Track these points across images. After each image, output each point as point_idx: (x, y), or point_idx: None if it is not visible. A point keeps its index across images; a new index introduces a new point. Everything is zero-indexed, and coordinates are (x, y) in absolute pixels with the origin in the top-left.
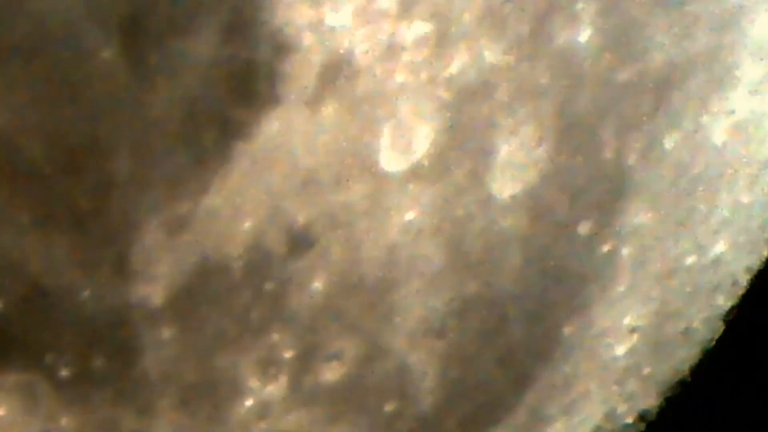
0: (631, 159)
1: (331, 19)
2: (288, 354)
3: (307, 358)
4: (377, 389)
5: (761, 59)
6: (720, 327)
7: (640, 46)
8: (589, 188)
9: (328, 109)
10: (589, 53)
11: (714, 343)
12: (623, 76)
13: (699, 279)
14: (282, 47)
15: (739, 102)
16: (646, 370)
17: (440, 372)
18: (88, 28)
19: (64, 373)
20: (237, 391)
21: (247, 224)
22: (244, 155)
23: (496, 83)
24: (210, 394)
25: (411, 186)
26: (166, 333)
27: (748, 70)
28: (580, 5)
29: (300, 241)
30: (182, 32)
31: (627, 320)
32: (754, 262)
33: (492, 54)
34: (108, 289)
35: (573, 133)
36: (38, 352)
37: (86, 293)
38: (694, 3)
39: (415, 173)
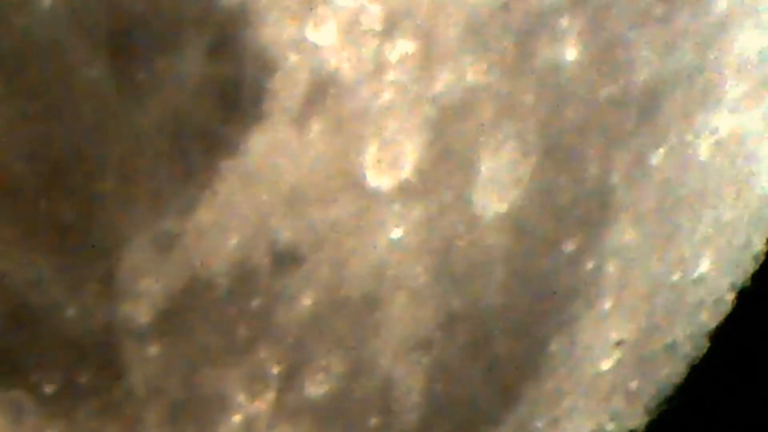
0: (616, 176)
1: (317, 37)
2: (275, 370)
3: (294, 374)
4: (363, 404)
5: (744, 76)
6: (704, 344)
7: (624, 63)
8: (573, 205)
9: (314, 127)
10: (573, 70)
11: (700, 359)
12: (607, 93)
13: (683, 296)
14: (267, 65)
15: (723, 119)
16: (632, 387)
17: (426, 387)
18: (74, 44)
19: (50, 389)
20: (224, 406)
21: (234, 241)
22: (231, 172)
23: (480, 101)
24: (197, 409)
25: (397, 203)
26: (153, 349)
27: (732, 87)
28: (564, 23)
29: (286, 258)
30: (169, 50)
31: (612, 337)
32: (739, 279)
33: (476, 72)
34: (94, 305)
35: (558, 151)
36: (24, 369)
37: (72, 310)
38: (678, 20)
39: (401, 190)
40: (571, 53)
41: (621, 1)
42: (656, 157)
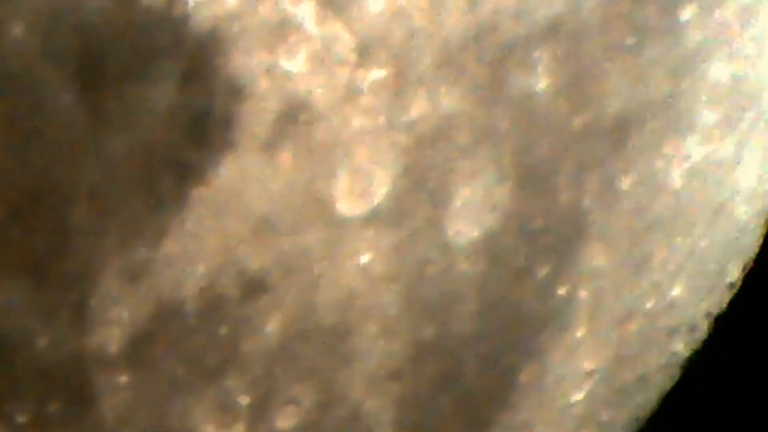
0: (588, 202)
1: (288, 65)
2: (244, 400)
3: (263, 405)
4: None
5: (717, 104)
6: (677, 373)
7: (596, 91)
8: (546, 232)
9: (285, 155)
10: (545, 99)
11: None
12: (580, 121)
13: (656, 323)
14: (238, 93)
15: (695, 146)
16: (604, 418)
17: (396, 417)
18: (44, 72)
19: (22, 419)
20: None
21: (202, 269)
22: (200, 201)
23: (454, 128)
24: None
25: (368, 231)
26: (123, 378)
27: (705, 116)
28: (536, 53)
29: (255, 286)
30: (139, 78)
31: (584, 365)
32: (713, 307)
33: (450, 100)
34: (66, 334)
35: (531, 178)
36: None
37: (44, 339)
38: (650, 49)
39: (373, 218)
40: (543, 82)
41: (593, 32)
42: (628, 184)
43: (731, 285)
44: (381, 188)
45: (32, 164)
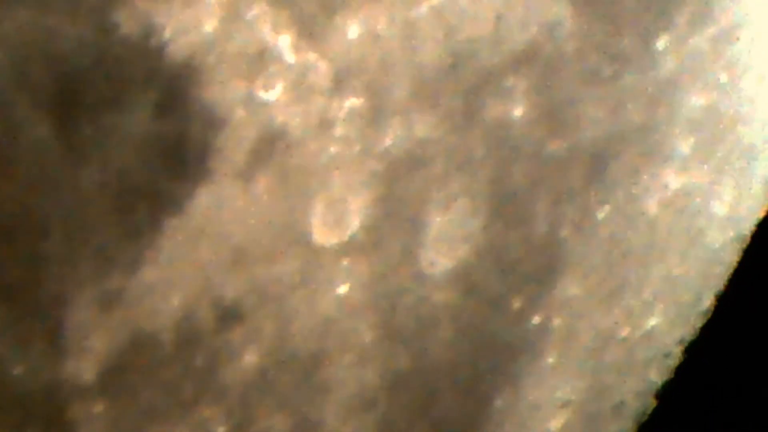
0: (564, 232)
1: (264, 94)
2: (219, 430)
3: None
4: None
5: (693, 133)
6: (652, 401)
7: (572, 120)
8: (521, 261)
9: (261, 184)
10: (521, 127)
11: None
12: (555, 149)
13: (631, 352)
14: (214, 122)
15: (671, 176)
16: None
17: None
18: (19, 102)
19: None
20: None
21: (178, 298)
22: (176, 230)
23: (429, 157)
24: None
25: (343, 260)
26: (98, 408)
27: (681, 145)
28: (511, 81)
29: (231, 315)
30: (114, 108)
31: (559, 394)
32: (688, 335)
33: (425, 128)
34: (41, 363)
35: (506, 206)
36: None
37: (19, 368)
38: (627, 78)
39: (348, 247)
40: (518, 110)
41: (569, 60)
42: (603, 213)
43: (705, 312)
44: (356, 217)
45: (7, 194)
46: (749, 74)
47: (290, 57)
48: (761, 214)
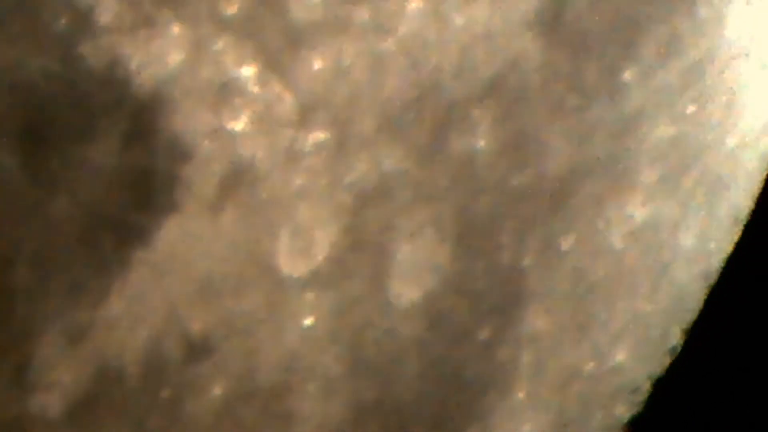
0: (528, 263)
1: (231, 126)
2: None
3: None
4: None
5: (659, 165)
6: None
7: (537, 151)
8: (487, 293)
9: (227, 216)
10: (486, 159)
11: None
12: (520, 180)
13: (598, 386)
14: (181, 154)
15: (637, 208)
16: None
17: None
18: None
19: None
20: None
21: (145, 331)
22: (143, 262)
23: (394, 189)
24: None
25: (310, 292)
26: None
27: (646, 176)
28: (476, 113)
29: (198, 348)
30: (81, 139)
31: (526, 429)
32: (655, 370)
33: (391, 160)
34: (6, 398)
35: (472, 238)
36: None
37: None
38: (592, 109)
39: (314, 279)
40: (483, 142)
41: (534, 92)
42: (568, 245)
43: (673, 348)
44: (322, 249)
45: None
46: (717, 105)
47: (256, 89)
48: (730, 248)
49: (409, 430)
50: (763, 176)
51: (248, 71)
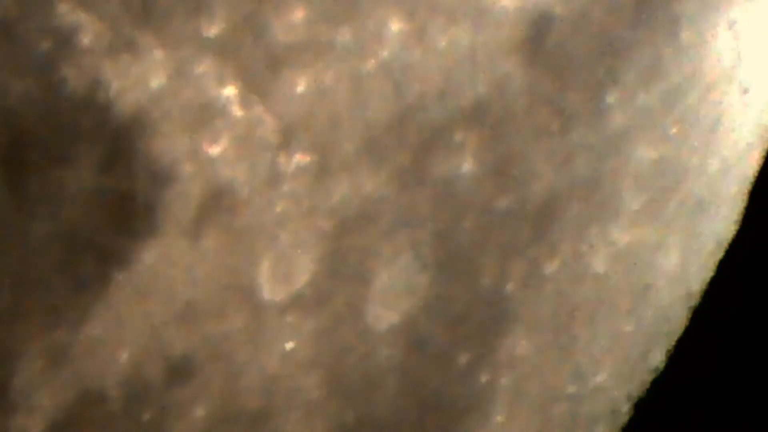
0: (511, 287)
1: (211, 149)
2: None
3: None
4: None
5: (641, 189)
6: None
7: (520, 175)
8: (468, 317)
9: (208, 239)
10: (468, 183)
11: None
12: (503, 204)
13: (579, 408)
14: (161, 177)
15: (619, 231)
16: None
17: None
18: None
19: None
20: None
21: (126, 354)
22: (124, 285)
23: (376, 213)
24: None
25: (290, 316)
26: None
27: (629, 199)
28: (460, 136)
29: (179, 371)
30: (62, 162)
31: None
32: (635, 392)
33: (372, 184)
34: None
35: (453, 262)
36: None
37: None
38: (574, 134)
39: (295, 303)
40: (466, 166)
41: (517, 115)
42: (552, 268)
43: (654, 369)
44: (303, 273)
45: None
46: (699, 129)
47: (237, 112)
48: (711, 270)
49: None
50: (745, 199)
51: (229, 93)
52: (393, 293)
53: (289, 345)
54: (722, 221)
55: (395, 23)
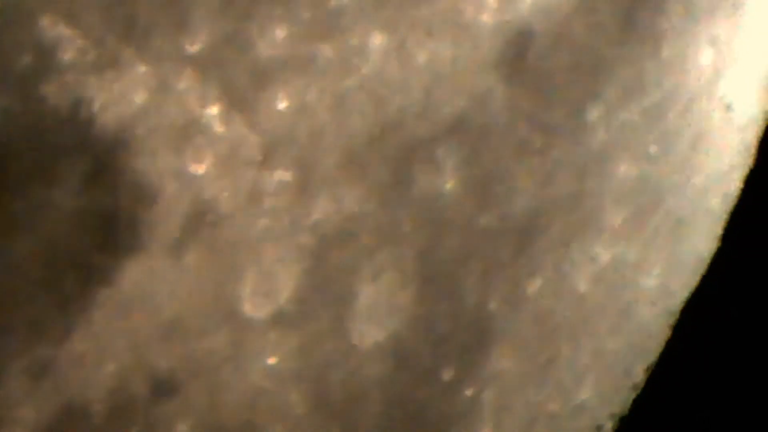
0: (494, 305)
1: (194, 166)
2: None
3: None
4: None
5: (623, 205)
6: None
7: (501, 192)
8: (451, 334)
9: (191, 256)
10: (451, 199)
11: None
12: (485, 221)
13: (562, 425)
14: (144, 195)
15: (601, 247)
16: None
17: None
18: None
19: None
20: None
21: (110, 369)
22: (107, 301)
23: (358, 230)
24: None
25: (273, 332)
26: None
27: (610, 216)
28: (441, 153)
29: (163, 386)
30: (44, 179)
31: None
32: (618, 408)
33: (354, 201)
34: None
35: (436, 279)
36: None
37: None
38: (556, 151)
39: (278, 319)
40: (448, 182)
41: (499, 132)
42: (534, 286)
43: (635, 386)
44: (285, 290)
45: None
46: (680, 146)
47: (220, 129)
48: (693, 287)
49: None
50: (727, 217)
51: (212, 111)
52: (376, 311)
53: (273, 360)
54: (703, 238)
55: (376, 39)
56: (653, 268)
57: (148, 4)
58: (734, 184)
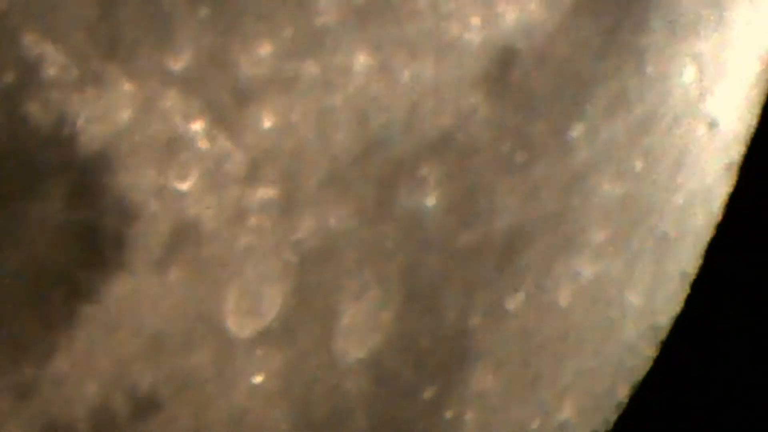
0: (475, 322)
1: (178, 183)
2: None
3: None
4: None
5: (607, 223)
6: None
7: (484, 209)
8: (433, 351)
9: (175, 274)
10: (434, 217)
11: None
12: (467, 239)
13: None
14: (128, 212)
15: (585, 265)
16: None
17: None
18: None
19: None
20: None
21: (93, 387)
22: (91, 319)
23: (341, 247)
24: None
25: (258, 350)
26: None
27: (594, 234)
28: (424, 170)
29: (146, 405)
30: (26, 196)
31: None
32: (601, 427)
33: (337, 219)
34: None
35: (418, 296)
36: None
37: None
38: (539, 167)
39: (262, 337)
40: (431, 200)
41: (483, 150)
42: (515, 304)
43: (619, 405)
44: (270, 308)
45: None
46: (664, 163)
47: (204, 146)
48: (677, 305)
49: None
50: (711, 234)
51: (196, 127)
52: (360, 329)
53: (257, 379)
54: (688, 256)
55: (360, 58)
56: (637, 285)
57: (132, 22)
58: (718, 201)
